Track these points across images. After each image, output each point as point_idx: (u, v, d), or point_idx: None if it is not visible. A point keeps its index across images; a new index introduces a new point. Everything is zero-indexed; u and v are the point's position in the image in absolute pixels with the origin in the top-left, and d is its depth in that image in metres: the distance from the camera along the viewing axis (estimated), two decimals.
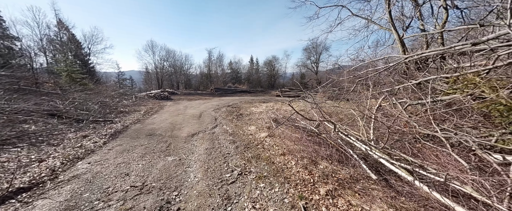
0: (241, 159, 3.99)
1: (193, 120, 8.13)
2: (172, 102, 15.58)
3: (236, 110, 10.57)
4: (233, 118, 8.32)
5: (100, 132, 6.30)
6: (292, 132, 5.75)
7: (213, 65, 35.12)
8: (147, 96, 17.46)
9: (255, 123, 7.27)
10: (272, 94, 26.03)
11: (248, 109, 11.07)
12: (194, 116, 9.02)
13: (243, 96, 23.12)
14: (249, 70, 36.67)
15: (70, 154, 4.32)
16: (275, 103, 14.41)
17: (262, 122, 7.41)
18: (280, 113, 9.30)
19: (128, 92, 15.75)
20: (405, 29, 7.17)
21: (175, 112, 10.11)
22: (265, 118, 8.11)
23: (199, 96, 22.09)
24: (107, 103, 10.72)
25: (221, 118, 8.35)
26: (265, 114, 8.98)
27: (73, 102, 9.18)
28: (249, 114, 9.27)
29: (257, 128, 6.45)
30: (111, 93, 13.93)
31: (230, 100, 16.96)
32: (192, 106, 12.74)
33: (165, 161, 3.95)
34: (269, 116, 8.34)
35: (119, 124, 7.39)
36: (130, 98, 14.69)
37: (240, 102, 15.37)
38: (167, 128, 6.79)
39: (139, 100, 14.62)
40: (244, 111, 10.03)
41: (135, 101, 14.08)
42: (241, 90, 27.73)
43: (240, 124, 7.22)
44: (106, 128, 6.79)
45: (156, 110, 11.02)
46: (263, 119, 7.83)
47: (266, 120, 7.72)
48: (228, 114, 9.34)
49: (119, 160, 4.02)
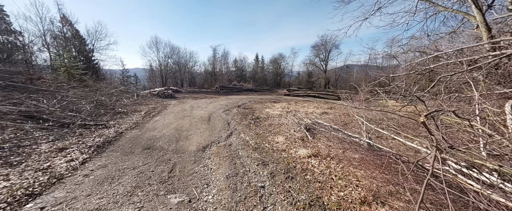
0: (289, 204, 2.40)
1: (202, 124, 6.54)
2: (176, 101, 14.01)
3: (250, 112, 8.97)
4: (249, 123, 6.71)
5: (85, 142, 4.72)
6: (339, 145, 4.14)
7: (218, 62, 33.48)
8: (150, 94, 15.91)
9: (280, 131, 5.66)
10: (280, 93, 24.40)
11: (262, 110, 9.46)
12: (202, 119, 7.43)
13: (250, 95, 21.52)
14: (254, 68, 34.96)
15: (22, 187, 2.74)
16: (288, 103, 12.79)
17: (287, 129, 5.80)
18: (301, 116, 7.68)
19: (130, 90, 14.24)
20: (486, 9, 5.42)
21: (181, 114, 8.53)
22: (289, 123, 6.50)
23: (204, 94, 20.52)
24: (104, 102, 9.16)
25: (235, 123, 6.75)
26: (286, 118, 7.36)
27: (63, 101, 7.62)
28: (266, 117, 7.65)
29: (287, 140, 4.84)
30: (111, 91, 12.38)
31: (238, 99, 15.36)
32: (198, 106, 11.16)
33: (166, 205, 2.37)
34: (293, 121, 6.73)
35: (112, 130, 5.82)
36: (131, 96, 13.14)
37: (249, 101, 13.77)
38: (171, 136, 5.21)
39: (141, 99, 13.06)
40: (259, 113, 8.43)
41: (136, 99, 12.53)
42: (247, 88, 26.11)
43: (261, 132, 5.62)
44: (95, 136, 5.22)
45: (159, 111, 9.45)
46: (287, 125, 6.22)
47: (291, 125, 6.11)
48: (242, 117, 7.74)
49: (93, 203, 2.43)
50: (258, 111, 9.25)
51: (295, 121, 6.81)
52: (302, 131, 5.39)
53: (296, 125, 6.10)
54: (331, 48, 26.99)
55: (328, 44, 26.67)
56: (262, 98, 17.19)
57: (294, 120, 6.84)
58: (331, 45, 26.68)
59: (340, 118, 7.08)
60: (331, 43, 26.42)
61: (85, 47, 29.74)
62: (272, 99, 15.84)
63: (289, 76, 33.60)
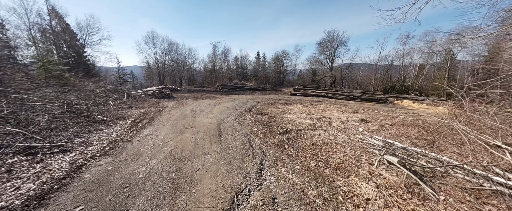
0: None
1: (212, 145, 4.22)
2: (174, 102, 11.57)
3: (269, 119, 6.67)
4: (280, 141, 4.42)
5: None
6: None
7: (218, 60, 30.88)
8: (145, 93, 13.39)
9: (344, 161, 3.38)
10: (285, 92, 22.16)
11: (281, 116, 7.18)
12: (210, 133, 5.10)
13: (254, 94, 19.20)
14: (255, 66, 32.52)
15: None
16: (304, 106, 10.55)
17: (352, 156, 3.55)
18: (339, 125, 5.44)
19: (120, 89, 11.75)
20: None
21: (180, 123, 6.17)
22: (340, 140, 4.24)
23: (205, 93, 18.08)
24: (78, 107, 6.69)
25: (259, 140, 4.47)
26: (326, 131, 5.12)
27: (7, 108, 5.14)
28: (298, 130, 5.36)
29: (379, 190, 2.59)
30: (95, 91, 9.84)
31: (244, 100, 13.05)
32: (201, 109, 8.80)
33: None
34: (345, 138, 4.46)
35: (67, 159, 3.45)
36: (120, 97, 10.63)
37: (258, 103, 11.49)
38: (164, 178, 2.89)
39: (132, 100, 10.58)
40: (281, 121, 6.16)
41: (127, 101, 10.05)
42: (250, 87, 23.76)
43: (312, 163, 3.32)
44: (31, 175, 2.86)
45: (151, 117, 7.06)
46: (342, 146, 3.97)
47: (351, 147, 3.87)
48: (264, 128, 5.44)
49: None
50: (278, 118, 6.97)
51: (348, 137, 4.58)
52: (392, 166, 3.13)
53: (362, 148, 3.85)
54: (338, 45, 24.82)
55: (335, 40, 24.49)
56: (269, 98, 14.92)
57: (348, 137, 4.59)
58: (338, 42, 24.51)
59: (410, 131, 4.87)
60: (338, 40, 24.27)
61: (76, 42, 26.68)
62: (281, 100, 13.59)
63: (292, 75, 31.34)
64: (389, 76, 22.79)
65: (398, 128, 5.65)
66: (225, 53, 30.77)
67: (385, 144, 3.73)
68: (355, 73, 27.75)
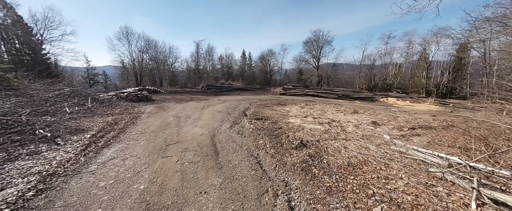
0: None
1: (209, 172, 2.81)
2: (154, 106, 9.71)
3: (271, 125, 5.41)
4: (301, 161, 3.18)
5: None
6: None
7: (202, 59, 28.76)
8: (117, 96, 11.21)
9: (416, 202, 2.27)
10: (274, 91, 21.15)
11: (285, 121, 5.98)
12: (202, 149, 3.67)
13: (243, 94, 17.84)
14: (241, 66, 31.03)
15: None
16: (301, 107, 9.53)
17: (428, 196, 2.46)
18: (354, 130, 4.41)
19: (83, 92, 9.50)
20: None
21: (160, 136, 4.60)
22: (379, 155, 3.15)
23: (189, 94, 16.20)
24: (10, 119, 4.69)
25: (271, 160, 3.18)
26: (348, 139, 4.04)
27: None
28: (316, 141, 4.19)
29: None
30: (46, 95, 7.60)
31: (235, 101, 11.65)
32: (187, 114, 7.21)
33: None
34: (383, 152, 3.39)
35: None
36: (83, 101, 8.49)
37: (250, 104, 10.21)
38: None
39: (98, 105, 8.51)
40: (287, 128, 4.95)
41: (91, 106, 7.99)
42: (237, 87, 22.30)
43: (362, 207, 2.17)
44: None
45: (121, 129, 5.33)
46: (387, 165, 2.86)
47: (422, 175, 2.78)
48: (273, 141, 4.16)
49: None
50: (282, 123, 5.74)
51: (380, 148, 3.53)
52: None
53: (415, 167, 2.78)
54: (323, 44, 24.56)
55: (320, 39, 24.19)
56: (260, 99, 13.70)
57: (380, 148, 3.54)
58: (323, 41, 24.24)
59: (446, 136, 3.98)
60: (324, 39, 24.01)
61: (31, 38, 22.52)
62: (273, 101, 12.46)
63: (279, 74, 30.51)
64: (373, 75, 23.21)
65: (425, 133, 4.81)
66: (209, 52, 28.76)
67: (455, 164, 2.70)
68: (339, 73, 27.93)
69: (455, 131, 4.00)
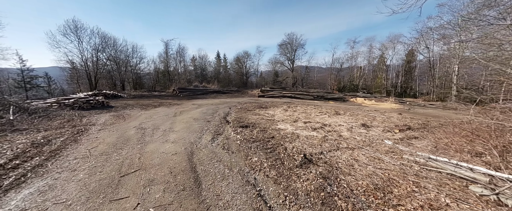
0: None
1: None
2: (110, 114, 7.77)
3: (263, 136, 4.53)
4: (322, 191, 2.38)
5: None
6: None
7: (173, 60, 26.16)
8: (59, 104, 8.76)
9: None
10: (251, 94, 20.39)
11: (274, 127, 5.19)
12: (176, 179, 2.53)
13: (220, 97, 16.55)
14: (216, 68, 29.40)
15: None
16: (284, 109, 8.95)
17: None
18: (348, 136, 3.92)
19: (4, 100, 6.90)
20: None
21: (112, 161, 3.23)
22: (423, 182, 2.56)
23: (158, 99, 14.14)
24: None
25: (281, 193, 2.28)
26: (369, 152, 3.46)
27: None
28: (321, 154, 3.46)
29: None
30: None
31: (211, 105, 10.44)
32: (155, 124, 5.77)
33: None
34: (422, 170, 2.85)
35: None
36: (3, 113, 6.13)
37: (230, 109, 9.23)
38: None
39: (26, 117, 6.27)
40: (286, 140, 4.15)
41: (13, 119, 5.77)
42: (213, 90, 20.79)
43: None
44: None
45: (53, 151, 3.70)
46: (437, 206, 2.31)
47: (470, 200, 2.22)
48: (270, 157, 3.26)
49: None
50: (272, 131, 4.93)
51: (395, 160, 3.01)
52: None
53: (451, 185, 2.24)
54: (297, 47, 25.00)
55: (294, 42, 24.56)
56: (239, 102, 12.75)
57: (394, 160, 3.01)
58: (297, 44, 24.67)
59: (451, 141, 3.72)
60: (297, 42, 24.45)
61: None
62: (253, 103, 11.68)
63: (255, 76, 29.92)
64: (342, 77, 24.69)
65: (422, 135, 4.61)
66: (180, 52, 26.32)
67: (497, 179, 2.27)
68: (311, 74, 28.97)
69: (454, 133, 3.83)
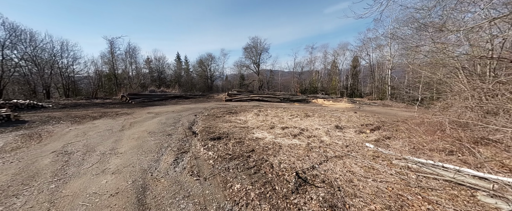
0: None
1: None
2: (17, 133, 5.35)
3: (241, 149, 3.74)
4: None
5: None
6: None
7: (121, 61, 22.10)
8: None
9: None
10: (217, 98, 19.09)
11: (251, 136, 4.49)
12: None
13: (183, 103, 14.68)
14: (176, 71, 26.54)
15: None
16: (255, 114, 8.39)
17: None
18: (331, 141, 3.68)
19: None
20: None
21: None
22: (440, 199, 2.27)
23: (100, 108, 11.31)
24: None
25: None
26: (362, 160, 3.11)
27: None
28: (313, 168, 2.92)
29: None
30: None
31: (172, 113, 8.93)
32: (89, 144, 4.13)
33: None
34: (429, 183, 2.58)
35: None
36: None
37: (196, 116, 8.10)
38: None
39: None
40: (269, 153, 3.47)
41: None
42: (174, 95, 18.48)
43: None
44: None
45: None
46: None
47: None
48: (255, 183, 2.51)
49: None
50: (250, 142, 4.20)
51: (393, 172, 2.75)
52: None
53: (466, 199, 2.02)
54: (261, 51, 25.20)
55: (258, 46, 24.66)
56: (206, 107, 11.49)
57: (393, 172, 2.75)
58: (261, 48, 24.88)
59: (424, 140, 3.81)
60: (261, 46, 24.66)
61: None
62: (222, 109, 10.72)
63: (221, 79, 28.49)
64: (303, 80, 26.30)
65: (393, 135, 4.75)
66: (130, 52, 22.45)
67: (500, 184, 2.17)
68: (276, 78, 29.84)
69: (423, 132, 4.04)
